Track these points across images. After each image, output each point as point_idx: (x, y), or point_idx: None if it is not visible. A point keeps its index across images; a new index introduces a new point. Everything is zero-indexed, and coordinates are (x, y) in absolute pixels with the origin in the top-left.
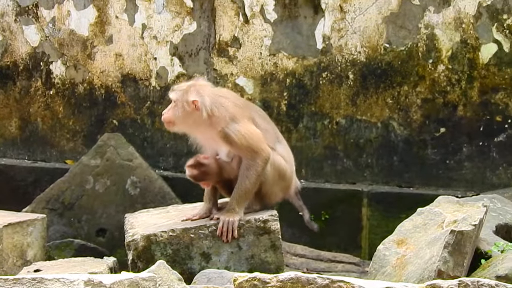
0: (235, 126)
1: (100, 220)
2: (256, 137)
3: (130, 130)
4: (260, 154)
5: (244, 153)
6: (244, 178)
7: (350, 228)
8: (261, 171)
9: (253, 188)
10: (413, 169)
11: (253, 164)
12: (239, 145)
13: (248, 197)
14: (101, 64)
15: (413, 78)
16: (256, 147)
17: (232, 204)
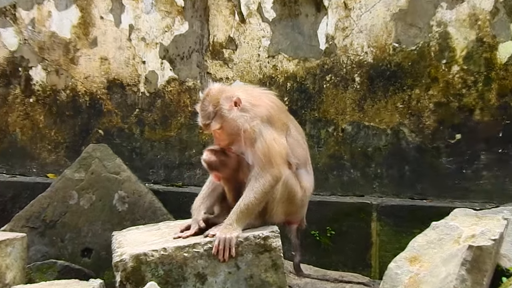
0: (264, 131)
1: (85, 238)
2: (278, 150)
3: (117, 140)
4: (274, 170)
5: (258, 162)
6: (250, 191)
7: (359, 244)
8: (268, 189)
9: (257, 205)
10: (426, 180)
11: (263, 177)
12: (258, 152)
13: (250, 214)
14: (85, 69)
15: (425, 80)
16: (273, 161)
17: (231, 219)
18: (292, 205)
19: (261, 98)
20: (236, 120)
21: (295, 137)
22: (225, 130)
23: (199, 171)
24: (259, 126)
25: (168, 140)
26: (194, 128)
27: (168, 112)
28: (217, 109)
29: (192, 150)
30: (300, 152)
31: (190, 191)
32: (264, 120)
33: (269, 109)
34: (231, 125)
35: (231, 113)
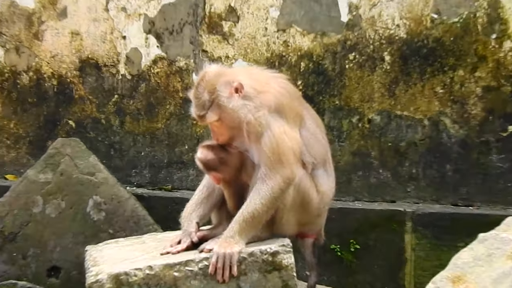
0: (272, 123)
1: (52, 255)
2: (290, 146)
3: (91, 133)
4: (285, 170)
5: (266, 160)
6: (256, 195)
7: (389, 261)
8: (278, 193)
9: (264, 213)
10: (473, 182)
11: (272, 179)
12: (265, 148)
13: (256, 224)
14: (52, 46)
15: (471, 59)
16: (284, 159)
17: (232, 230)
18: (306, 214)
19: (268, 83)
20: (237, 110)
21: (312, 130)
22: (224, 122)
23: (193, 172)
24: (266, 117)
25: (154, 133)
26: (186, 119)
27: (155, 99)
28: (214, 97)
29: (183, 145)
30: (318, 149)
31: (182, 196)
32: (272, 109)
33: (278, 96)
34: (231, 116)
35: (231, 101)
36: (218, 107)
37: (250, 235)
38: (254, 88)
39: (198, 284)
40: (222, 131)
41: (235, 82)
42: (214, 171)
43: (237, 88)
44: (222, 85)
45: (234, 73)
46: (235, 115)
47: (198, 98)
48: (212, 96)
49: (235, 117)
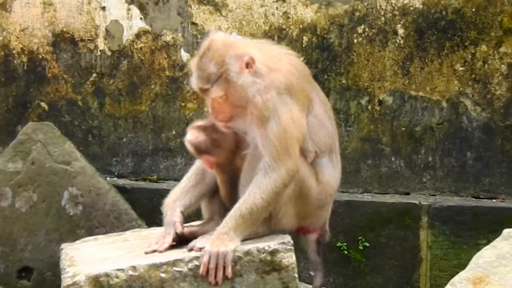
0: (280, 107)
1: (23, 254)
2: (296, 135)
3: (66, 117)
4: (290, 162)
5: (271, 149)
6: (257, 188)
7: (403, 261)
8: (281, 187)
9: (265, 209)
10: (497, 171)
11: (276, 171)
12: (271, 136)
13: (254, 220)
14: (22, 18)
15: (495, 32)
16: (291, 150)
17: (227, 225)
18: (305, 205)
19: (280, 60)
20: (246, 88)
21: (319, 115)
22: (229, 99)
23: (181, 160)
24: (274, 100)
25: (137, 117)
26: (174, 100)
27: (138, 78)
28: (222, 70)
29: (170, 130)
30: (322, 137)
31: (168, 187)
32: (281, 91)
33: (289, 76)
34: (239, 93)
35: (241, 77)
36: (226, 82)
37: (247, 232)
38: (265, 64)
39: (187, 287)
40: (224, 108)
41: (247, 56)
42: (206, 154)
43: (248, 62)
44: (232, 58)
45: (244, 45)
46: (243, 93)
47: (203, 69)
48: (219, 69)
49: (243, 95)
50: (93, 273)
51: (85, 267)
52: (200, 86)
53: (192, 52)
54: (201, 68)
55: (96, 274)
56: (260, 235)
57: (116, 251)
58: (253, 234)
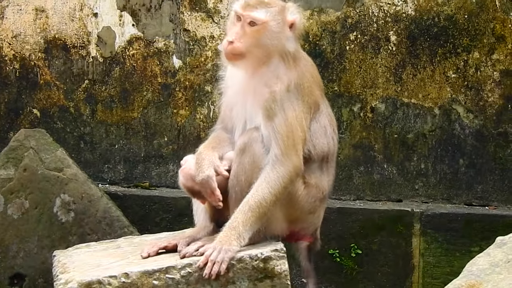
0: (286, 103)
1: (14, 260)
2: (300, 134)
3: (58, 123)
4: (296, 159)
5: (280, 143)
6: (265, 183)
7: (395, 268)
8: (288, 183)
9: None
10: (489, 178)
11: (284, 166)
12: (279, 129)
13: (261, 215)
14: (14, 24)
15: (488, 39)
16: (297, 147)
17: (236, 220)
18: (292, 207)
19: (303, 60)
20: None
21: (323, 123)
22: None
23: (173, 167)
24: (282, 94)
25: (129, 123)
26: (166, 107)
27: (130, 84)
28: (278, 5)
29: (163, 137)
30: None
31: (161, 194)
32: (290, 88)
33: (302, 77)
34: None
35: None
36: (275, 15)
37: (255, 227)
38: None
39: None
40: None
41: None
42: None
43: (293, 23)
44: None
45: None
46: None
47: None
48: (278, 3)
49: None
50: (86, 280)
51: (78, 274)
52: (249, 1)
53: (184, 59)
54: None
55: (89, 281)
56: (252, 241)
57: (108, 258)
58: (250, 239)
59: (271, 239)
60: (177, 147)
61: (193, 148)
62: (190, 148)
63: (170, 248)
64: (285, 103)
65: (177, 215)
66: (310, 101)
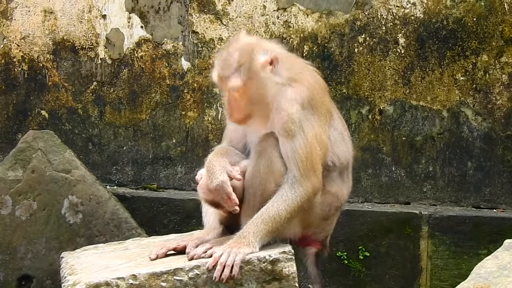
0: (304, 123)
1: (22, 262)
2: (320, 153)
3: (67, 125)
4: (316, 180)
5: (299, 164)
6: (282, 200)
7: (403, 270)
8: (305, 202)
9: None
10: (498, 181)
11: (302, 186)
12: (299, 150)
13: (274, 230)
14: (22, 26)
15: (496, 42)
16: (316, 167)
17: (247, 229)
18: (308, 213)
19: (303, 72)
20: (266, 84)
21: (339, 129)
22: (248, 94)
23: (181, 169)
24: (299, 114)
25: (138, 125)
26: (174, 109)
27: (138, 86)
28: (245, 59)
29: (171, 139)
30: (342, 151)
31: (169, 196)
32: (305, 105)
33: (311, 89)
34: (258, 89)
35: (263, 72)
36: (248, 72)
37: (265, 240)
38: (290, 72)
39: None
40: (240, 105)
41: (273, 52)
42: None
43: (272, 60)
44: (258, 51)
45: (272, 45)
46: (263, 90)
47: (226, 58)
48: (243, 58)
49: (262, 92)
50: (94, 281)
51: (86, 276)
52: (219, 73)
53: (193, 61)
54: (225, 57)
55: (97, 282)
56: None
57: (116, 259)
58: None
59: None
60: (186, 149)
61: (202, 150)
62: (198, 150)
63: (179, 249)
64: (303, 123)
65: (185, 217)
66: (324, 111)
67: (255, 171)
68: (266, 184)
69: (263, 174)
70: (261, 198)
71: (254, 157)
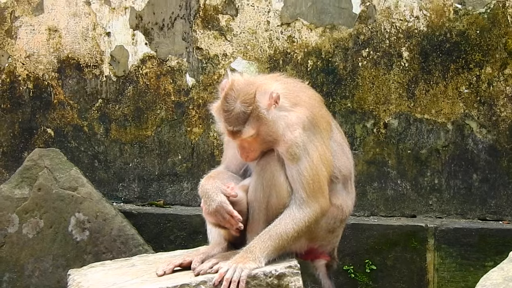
0: (308, 145)
1: (30, 280)
2: (325, 174)
3: (72, 143)
4: (323, 201)
5: (305, 186)
6: (290, 219)
7: (410, 283)
8: (313, 222)
9: (294, 239)
10: (503, 193)
11: (310, 207)
12: (305, 173)
13: (280, 247)
14: (27, 44)
15: (500, 54)
16: (323, 188)
17: (253, 245)
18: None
19: (299, 94)
20: (276, 122)
21: (338, 141)
22: (260, 136)
23: (187, 185)
24: (302, 137)
25: (143, 142)
26: (179, 125)
27: (143, 103)
28: (252, 108)
29: (176, 155)
30: (344, 163)
31: (175, 212)
32: (306, 127)
33: (311, 109)
34: (270, 129)
35: (270, 113)
36: (257, 119)
37: (271, 256)
38: (289, 99)
39: None
40: (254, 147)
41: (274, 92)
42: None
43: (276, 99)
44: (261, 95)
45: (266, 81)
46: (274, 128)
47: (231, 111)
48: (248, 107)
49: (273, 130)
50: None
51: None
52: (231, 129)
53: (197, 77)
54: (229, 110)
55: None
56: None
57: (123, 276)
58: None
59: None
60: (191, 165)
61: (207, 166)
62: (204, 166)
63: (185, 265)
64: (307, 145)
65: (191, 232)
66: (325, 124)
67: (258, 185)
68: (269, 197)
69: (266, 187)
70: (266, 211)
71: (257, 171)
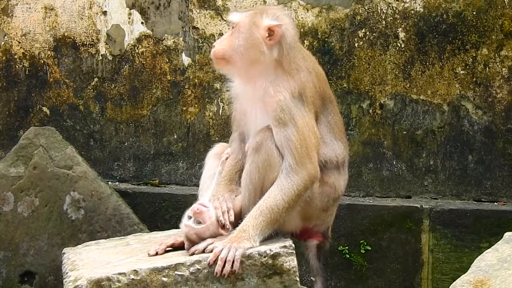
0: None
1: (25, 258)
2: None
3: (68, 121)
4: (312, 167)
5: (293, 152)
6: (278, 190)
7: (404, 264)
8: (303, 191)
9: (286, 210)
10: (498, 174)
11: (298, 174)
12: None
13: (273, 221)
14: (23, 22)
15: (496, 36)
16: (312, 155)
17: (246, 223)
18: (307, 205)
19: (305, 57)
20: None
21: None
22: (237, 34)
23: (183, 164)
24: (288, 102)
25: (139, 121)
26: (175, 104)
27: (139, 82)
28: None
29: (172, 135)
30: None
31: (170, 191)
32: (295, 95)
33: (309, 78)
34: (245, 37)
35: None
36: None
37: (266, 232)
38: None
39: None
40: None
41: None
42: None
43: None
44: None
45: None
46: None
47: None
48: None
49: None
50: (95, 277)
51: (87, 271)
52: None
53: (193, 56)
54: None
55: (98, 278)
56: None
57: (118, 255)
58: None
59: (283, 236)
60: (187, 144)
61: (203, 145)
62: (200, 146)
63: (177, 245)
64: (293, 111)
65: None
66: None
67: (253, 168)
68: (265, 179)
69: (261, 169)
70: (261, 194)
71: (251, 153)
